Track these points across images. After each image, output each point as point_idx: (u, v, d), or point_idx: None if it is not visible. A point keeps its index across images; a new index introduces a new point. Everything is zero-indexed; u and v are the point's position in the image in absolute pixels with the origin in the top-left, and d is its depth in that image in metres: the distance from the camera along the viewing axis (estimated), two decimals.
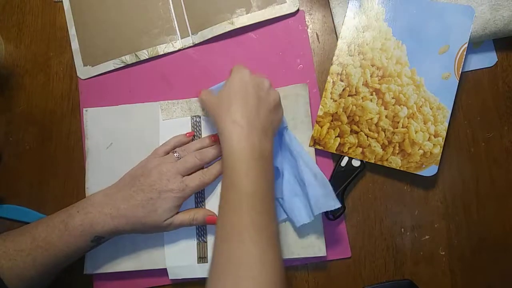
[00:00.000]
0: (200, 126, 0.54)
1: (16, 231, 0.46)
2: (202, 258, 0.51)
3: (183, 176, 0.48)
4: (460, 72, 0.51)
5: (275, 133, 0.48)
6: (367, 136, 0.52)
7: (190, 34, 0.57)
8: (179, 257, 0.52)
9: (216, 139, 0.52)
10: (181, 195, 0.47)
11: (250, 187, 0.41)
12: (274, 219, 0.42)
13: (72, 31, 0.58)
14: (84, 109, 0.56)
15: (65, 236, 0.45)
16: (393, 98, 0.52)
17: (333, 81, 0.53)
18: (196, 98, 0.55)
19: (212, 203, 0.52)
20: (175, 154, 0.49)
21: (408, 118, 0.52)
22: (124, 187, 0.47)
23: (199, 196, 0.52)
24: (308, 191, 0.49)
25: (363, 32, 0.54)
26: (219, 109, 0.46)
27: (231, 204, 0.42)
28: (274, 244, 0.40)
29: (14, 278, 0.43)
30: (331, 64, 0.54)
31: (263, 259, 0.38)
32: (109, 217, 0.46)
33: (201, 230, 0.52)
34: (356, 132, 0.52)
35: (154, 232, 0.50)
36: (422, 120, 0.52)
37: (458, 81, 0.51)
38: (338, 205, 0.47)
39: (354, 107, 0.53)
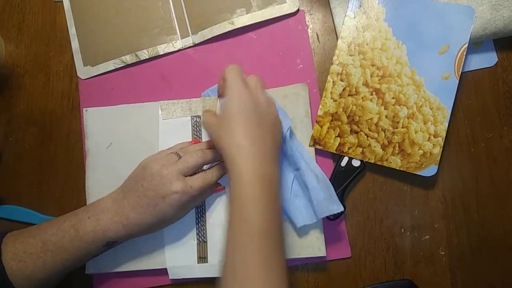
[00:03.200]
0: (200, 126, 0.54)
1: (25, 232, 0.46)
2: (202, 258, 0.51)
3: (186, 176, 0.47)
4: (460, 72, 0.51)
5: (279, 148, 0.47)
6: (367, 136, 0.52)
7: (190, 34, 0.57)
8: (179, 257, 0.52)
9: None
10: (186, 197, 0.46)
11: (261, 222, 0.40)
12: (283, 252, 0.41)
13: (72, 31, 0.58)
14: (84, 109, 0.56)
15: (76, 241, 0.45)
16: (393, 98, 0.52)
17: (333, 81, 0.53)
18: (196, 99, 0.55)
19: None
20: (175, 155, 0.48)
21: (408, 118, 0.52)
22: (129, 193, 0.46)
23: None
24: (311, 194, 0.49)
25: (363, 32, 0.54)
26: (221, 132, 0.44)
27: (240, 240, 0.40)
28: (281, 282, 0.39)
29: (23, 280, 0.43)
30: (331, 64, 0.54)
31: None
32: (121, 225, 0.45)
33: (201, 231, 0.52)
34: (356, 132, 0.52)
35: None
36: (422, 120, 0.52)
37: (458, 81, 0.51)
38: (340, 208, 0.48)
39: (354, 107, 0.53)
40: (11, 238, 0.45)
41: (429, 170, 0.51)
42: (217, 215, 0.52)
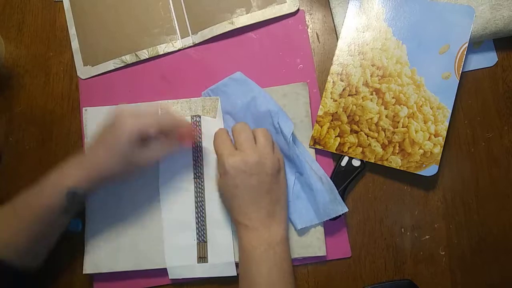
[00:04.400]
0: (200, 126, 0.54)
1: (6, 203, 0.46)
2: (202, 258, 0.51)
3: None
4: (460, 72, 0.51)
5: (284, 197, 0.48)
6: (367, 136, 0.52)
7: (190, 34, 0.57)
8: (179, 257, 0.52)
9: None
10: (136, 129, 0.45)
11: (261, 280, 0.44)
12: None
13: (72, 31, 0.58)
14: (84, 109, 0.56)
15: (38, 196, 0.45)
16: (393, 97, 0.52)
17: (333, 81, 0.53)
18: (196, 98, 0.55)
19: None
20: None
21: (408, 118, 0.52)
22: (93, 145, 0.47)
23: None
24: (317, 196, 0.49)
25: (363, 32, 0.54)
26: (227, 202, 0.49)
27: None
28: None
29: (2, 247, 0.44)
30: (331, 64, 0.54)
31: None
32: (80, 169, 0.45)
33: (201, 230, 0.52)
34: (356, 132, 0.52)
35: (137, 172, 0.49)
36: (422, 120, 0.51)
37: (458, 81, 0.51)
38: (345, 209, 0.49)
39: (354, 106, 0.53)
40: None
41: (430, 170, 0.51)
42: (217, 215, 0.52)
